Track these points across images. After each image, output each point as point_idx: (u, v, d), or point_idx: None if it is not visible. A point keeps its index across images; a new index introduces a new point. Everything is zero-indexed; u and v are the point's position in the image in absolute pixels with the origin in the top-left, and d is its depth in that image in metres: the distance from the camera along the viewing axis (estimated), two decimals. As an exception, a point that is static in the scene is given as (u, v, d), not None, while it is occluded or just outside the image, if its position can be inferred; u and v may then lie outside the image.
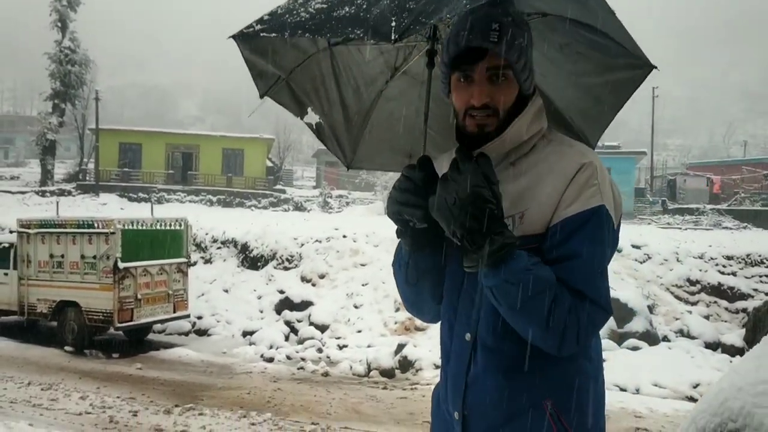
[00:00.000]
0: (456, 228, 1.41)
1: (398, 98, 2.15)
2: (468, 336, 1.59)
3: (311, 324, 13.40)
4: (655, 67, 1.82)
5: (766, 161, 46.09)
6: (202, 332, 13.73)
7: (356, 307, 13.90)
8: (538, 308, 1.41)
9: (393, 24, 1.33)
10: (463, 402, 1.58)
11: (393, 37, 1.32)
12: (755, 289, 14.46)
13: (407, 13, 1.36)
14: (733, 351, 12.10)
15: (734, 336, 12.72)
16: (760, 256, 15.48)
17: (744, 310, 13.80)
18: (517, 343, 1.49)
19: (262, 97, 2.03)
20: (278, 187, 43.13)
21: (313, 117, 2.06)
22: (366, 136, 2.18)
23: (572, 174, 1.51)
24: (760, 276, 14.99)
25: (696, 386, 10.22)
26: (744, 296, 14.32)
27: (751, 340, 12.34)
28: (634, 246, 16.36)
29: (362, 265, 15.24)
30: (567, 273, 1.45)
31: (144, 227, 12.51)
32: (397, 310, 13.35)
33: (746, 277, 14.97)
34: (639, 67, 1.82)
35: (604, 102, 1.94)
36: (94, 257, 11.91)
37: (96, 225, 12.08)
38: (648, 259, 15.70)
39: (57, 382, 9.45)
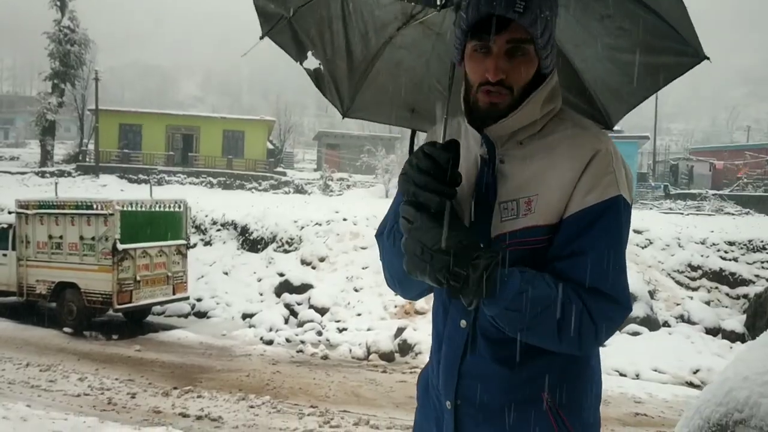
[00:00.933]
0: (437, 276, 1.29)
1: (409, 48, 1.97)
2: (463, 323, 1.49)
3: (311, 307, 13.38)
4: (707, 58, 1.66)
5: (769, 146, 45.90)
6: (202, 314, 13.71)
7: (356, 290, 13.88)
8: (545, 326, 1.33)
9: None
10: (456, 391, 1.51)
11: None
12: (756, 275, 14.42)
13: None
14: (733, 337, 12.08)
15: (735, 322, 12.69)
16: (762, 242, 15.42)
17: (745, 296, 13.77)
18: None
19: (262, 37, 1.88)
20: (279, 169, 43.04)
21: (313, 62, 1.91)
22: (367, 84, 2.01)
23: (587, 160, 1.39)
24: (762, 262, 14.94)
25: (696, 372, 10.21)
26: (745, 282, 14.28)
27: (752, 326, 12.32)
28: (635, 231, 16.30)
29: (362, 248, 15.20)
30: (581, 270, 1.35)
31: (143, 209, 12.45)
32: (396, 294, 13.31)
33: (748, 263, 14.92)
34: (687, 54, 1.66)
35: (637, 82, 1.80)
36: (93, 239, 11.86)
37: (95, 206, 12.02)
38: (649, 245, 15.66)
39: (56, 364, 9.43)
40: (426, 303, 12.47)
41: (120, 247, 11.58)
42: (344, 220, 17.15)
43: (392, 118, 2.13)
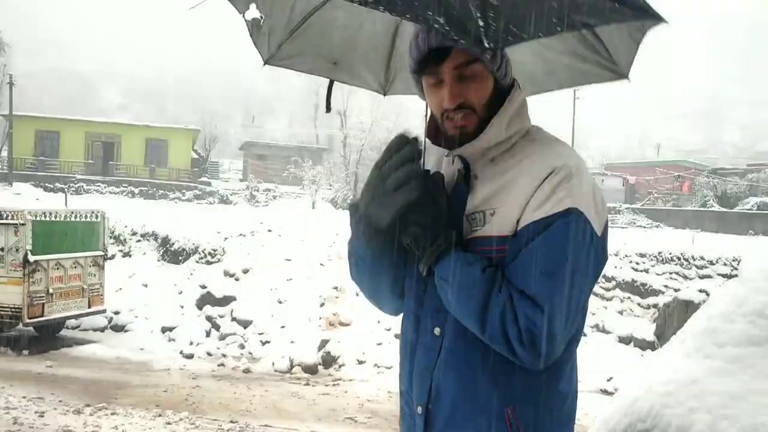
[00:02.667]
0: (405, 235, 1.46)
1: (347, 9, 2.01)
2: (437, 330, 1.54)
3: (234, 319, 13.17)
4: (627, 78, 1.80)
5: (678, 163, 48.28)
6: (119, 328, 13.28)
7: (280, 302, 13.74)
8: (469, 304, 1.41)
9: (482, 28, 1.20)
10: (428, 396, 1.54)
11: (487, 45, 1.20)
12: (665, 286, 15.14)
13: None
14: (644, 345, 12.62)
15: (645, 331, 13.26)
16: (670, 253, 16.20)
17: (655, 306, 14.42)
18: (482, 345, 1.45)
19: None
20: (204, 179, 42.25)
21: (254, 13, 1.87)
22: (296, 36, 2.04)
23: (544, 176, 1.44)
24: (670, 273, 15.70)
25: (609, 379, 10.60)
26: (655, 292, 14.97)
27: (661, 334, 12.89)
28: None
29: (287, 260, 15.09)
30: (515, 272, 1.41)
31: (57, 219, 11.99)
32: (322, 305, 13.29)
33: (657, 274, 15.65)
34: (610, 70, 1.80)
35: (555, 76, 1.93)
36: (2, 250, 11.32)
37: (4, 215, 11.50)
38: (567, 256, 16.16)
39: (-42, 382, 8.94)
40: (350, 314, 12.49)
41: (31, 258, 11.11)
42: (269, 231, 17.00)
43: (313, 68, 2.18)
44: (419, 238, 1.45)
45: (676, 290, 14.47)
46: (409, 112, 35.73)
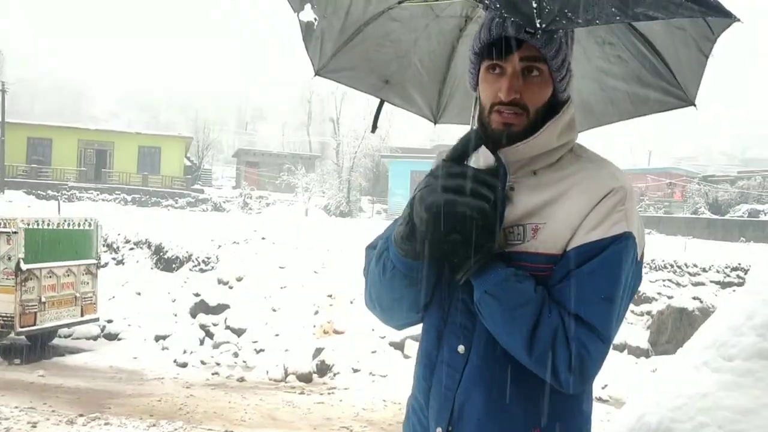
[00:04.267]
0: (445, 240, 1.32)
1: (403, 22, 1.96)
2: (461, 348, 1.47)
3: (227, 328, 13.10)
4: (693, 105, 1.73)
5: (670, 170, 48.52)
6: (112, 336, 13.17)
7: (274, 310, 13.68)
8: (518, 324, 1.33)
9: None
10: (450, 418, 1.47)
11: (538, 25, 1.14)
12: (659, 293, 15.14)
13: None
14: (638, 352, 12.62)
15: (639, 338, 13.27)
16: (663, 261, 16.23)
17: (648, 313, 14.42)
18: (513, 362, 1.39)
19: None
20: (196, 186, 42.17)
21: (309, 14, 1.84)
22: (350, 47, 1.97)
23: (600, 197, 1.38)
24: (663, 280, 15.72)
25: (604, 387, 10.59)
26: (648, 300, 14.97)
27: (655, 342, 12.92)
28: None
29: (281, 267, 15.04)
30: (568, 294, 1.34)
31: (50, 227, 11.91)
32: (316, 313, 13.23)
33: (650, 282, 15.65)
34: (675, 96, 1.73)
35: (615, 106, 1.84)
36: (-6, 258, 11.24)
37: (-3, 224, 11.41)
38: (561, 264, 16.18)
39: (-51, 392, 8.85)
40: (345, 322, 12.44)
41: (24, 266, 11.02)
42: (263, 238, 16.94)
43: (365, 85, 2.10)
44: (459, 245, 1.32)
45: (669, 297, 14.49)
46: (401, 119, 35.78)
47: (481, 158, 1.46)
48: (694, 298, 13.37)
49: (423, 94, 1.97)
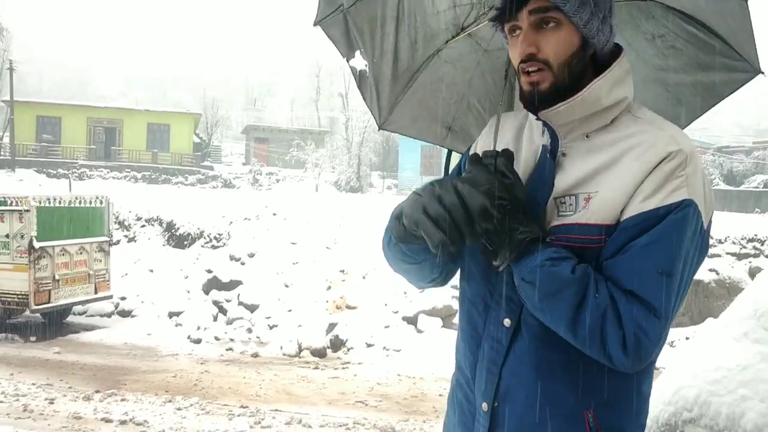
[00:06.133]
0: (473, 232, 1.24)
1: (454, 63, 1.92)
2: (508, 322, 1.39)
3: (240, 304, 13.12)
4: (762, 72, 1.61)
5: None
6: (126, 313, 13.23)
7: (287, 286, 13.69)
8: (558, 308, 1.25)
9: None
10: (495, 394, 1.41)
11: None
12: (674, 265, 15.04)
13: None
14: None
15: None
16: (679, 233, 16.08)
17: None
18: (563, 340, 1.30)
19: (315, 24, 1.78)
20: (206, 163, 42.18)
21: (360, 62, 1.83)
22: (408, 96, 1.94)
23: (657, 161, 1.27)
24: (679, 252, 15.60)
25: (619, 360, 10.55)
26: (664, 272, 14.88)
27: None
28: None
29: (293, 243, 15.02)
30: (621, 270, 1.24)
31: (61, 205, 11.90)
32: (328, 288, 13.22)
33: (666, 254, 15.55)
34: (741, 70, 1.60)
35: (684, 104, 1.72)
36: (7, 236, 11.25)
37: (9, 202, 11.41)
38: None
39: (-34, 369, 8.91)
40: (357, 297, 12.42)
41: (37, 244, 11.04)
42: (274, 214, 16.91)
43: (429, 134, 2.05)
44: (492, 233, 1.25)
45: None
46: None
47: (534, 129, 1.43)
48: (710, 270, 13.24)
49: (479, 128, 1.87)
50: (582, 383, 1.32)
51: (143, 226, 17.08)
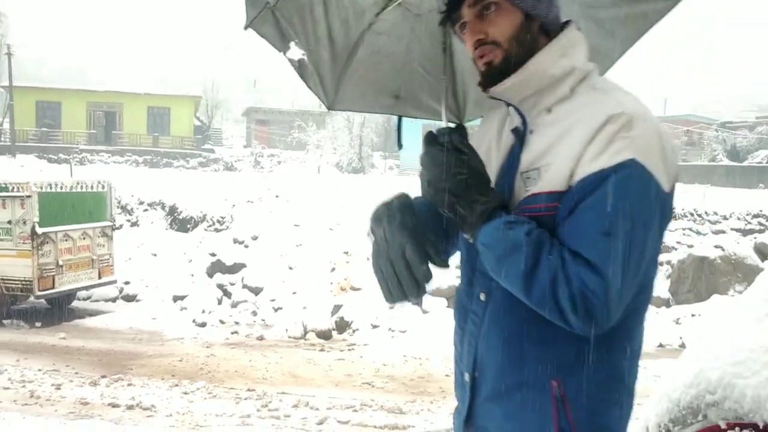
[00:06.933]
0: (442, 206, 1.39)
1: (389, 33, 1.96)
2: (483, 296, 1.47)
3: (245, 287, 13.11)
4: None
5: (686, 118, 47.71)
6: (131, 298, 13.24)
7: (291, 268, 13.67)
8: (513, 271, 1.30)
9: None
10: (474, 365, 1.49)
11: None
12: (678, 242, 14.97)
13: None
14: (659, 302, 12.50)
15: (659, 288, 13.15)
16: (683, 210, 16.02)
17: (668, 263, 14.27)
18: (528, 309, 1.33)
19: (245, 28, 1.82)
20: (207, 146, 42.02)
21: (296, 52, 1.87)
22: (351, 74, 1.99)
23: (599, 125, 1.29)
24: (683, 229, 15.53)
25: (625, 338, 10.52)
26: (668, 249, 14.80)
27: (675, 291, 12.80)
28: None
29: (296, 225, 14.98)
30: (568, 231, 1.29)
31: (63, 190, 11.84)
32: (333, 270, 13.21)
33: (670, 231, 15.46)
34: None
35: (617, 36, 1.79)
36: (10, 222, 11.22)
37: (10, 188, 11.35)
38: (578, 215, 16.01)
39: (-28, 356, 8.90)
40: (362, 278, 12.40)
41: (39, 230, 11.01)
42: (276, 197, 16.88)
43: (377, 106, 2.12)
44: (455, 206, 1.36)
45: (689, 246, 14.32)
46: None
47: (514, 116, 1.50)
48: (716, 247, 13.17)
49: (437, 98, 1.88)
50: (549, 353, 1.36)
51: (146, 210, 17.04)
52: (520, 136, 1.45)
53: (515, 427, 1.41)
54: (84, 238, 11.96)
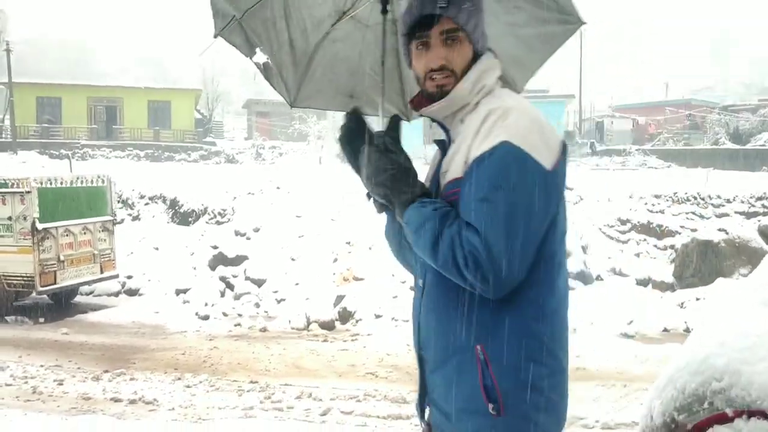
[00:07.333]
0: (380, 197, 1.72)
1: (343, 40, 2.26)
2: (421, 281, 1.73)
3: (247, 279, 13.08)
4: (584, 23, 1.98)
5: (688, 102, 47.43)
6: (133, 292, 13.21)
7: (293, 259, 13.63)
8: (423, 240, 1.58)
9: None
10: (419, 342, 1.72)
11: None
12: (682, 226, 14.89)
13: None
14: (663, 287, 12.46)
15: (663, 272, 13.08)
16: (686, 193, 15.92)
17: (672, 247, 14.20)
18: (451, 284, 1.58)
19: (215, 36, 2.09)
20: (208, 139, 41.93)
21: (261, 57, 2.15)
22: (310, 75, 2.28)
23: (483, 118, 1.59)
24: (686, 213, 15.44)
25: (630, 323, 10.47)
26: (672, 233, 14.73)
27: (680, 275, 12.73)
28: (566, 188, 16.54)
29: (298, 217, 14.93)
30: (460, 206, 1.57)
31: (63, 185, 11.80)
32: (335, 261, 13.16)
33: (674, 215, 15.39)
34: (570, 22, 1.98)
35: (535, 51, 2.11)
36: (10, 218, 11.19)
37: (9, 184, 11.31)
38: (580, 201, 15.94)
39: (-26, 354, 8.88)
40: (364, 268, 12.35)
41: (40, 226, 10.98)
42: (277, 188, 16.82)
43: (335, 104, 2.39)
44: (389, 196, 1.69)
45: (693, 230, 14.24)
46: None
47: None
48: (720, 230, 13.10)
49: (387, 98, 2.17)
50: (472, 321, 1.57)
51: (147, 204, 17.00)
52: (445, 146, 1.76)
53: (452, 392, 1.61)
54: (85, 233, 11.93)
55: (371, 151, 1.70)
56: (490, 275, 1.47)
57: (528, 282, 1.54)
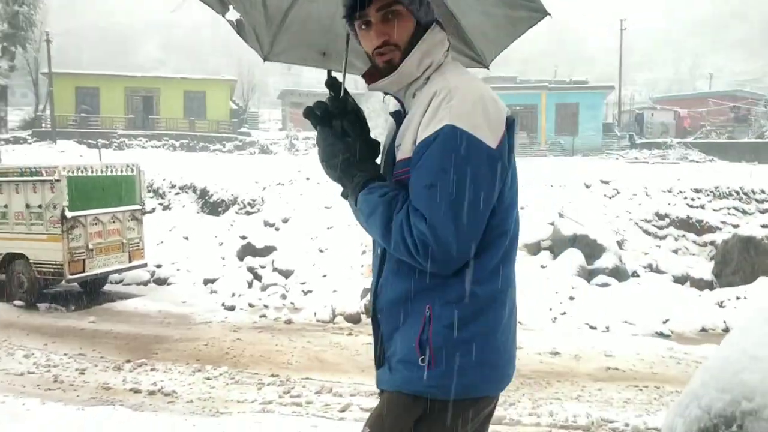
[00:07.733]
0: (334, 179, 1.78)
1: (318, 0, 2.23)
2: (379, 251, 1.80)
3: (275, 270, 13.01)
4: (549, 15, 1.98)
5: (733, 94, 46.05)
6: (162, 281, 13.24)
7: (321, 251, 13.52)
8: (375, 226, 1.65)
9: None
10: (375, 304, 1.79)
11: None
12: (723, 222, 14.39)
13: None
14: (702, 285, 12.01)
15: (702, 270, 12.62)
16: (728, 188, 15.37)
17: (712, 243, 13.74)
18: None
19: None
20: (243, 129, 42.09)
21: (234, 14, 2.12)
22: (284, 32, 2.27)
23: (429, 100, 1.62)
24: (728, 209, 14.91)
25: (665, 322, 10.10)
26: (712, 229, 14.25)
27: (719, 273, 12.26)
28: (602, 181, 16.14)
29: (327, 207, 14.81)
30: (411, 190, 1.60)
31: (92, 174, 11.83)
32: (363, 253, 12.99)
33: (714, 210, 14.88)
34: (535, 10, 1.99)
35: (501, 29, 2.13)
36: (40, 206, 11.26)
37: (40, 172, 11.38)
38: (617, 195, 15.51)
39: (1, 340, 8.93)
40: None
41: (69, 214, 11.01)
42: (307, 179, 16.72)
43: (308, 60, 2.39)
44: (342, 179, 1.76)
45: (734, 226, 13.72)
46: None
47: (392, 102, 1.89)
48: (763, 226, 12.57)
49: (360, 57, 2.12)
50: (422, 286, 1.64)
51: (177, 193, 17.06)
52: (400, 118, 1.79)
53: (400, 348, 1.68)
54: (114, 222, 11.95)
55: (327, 133, 1.75)
56: (440, 257, 1.55)
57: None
